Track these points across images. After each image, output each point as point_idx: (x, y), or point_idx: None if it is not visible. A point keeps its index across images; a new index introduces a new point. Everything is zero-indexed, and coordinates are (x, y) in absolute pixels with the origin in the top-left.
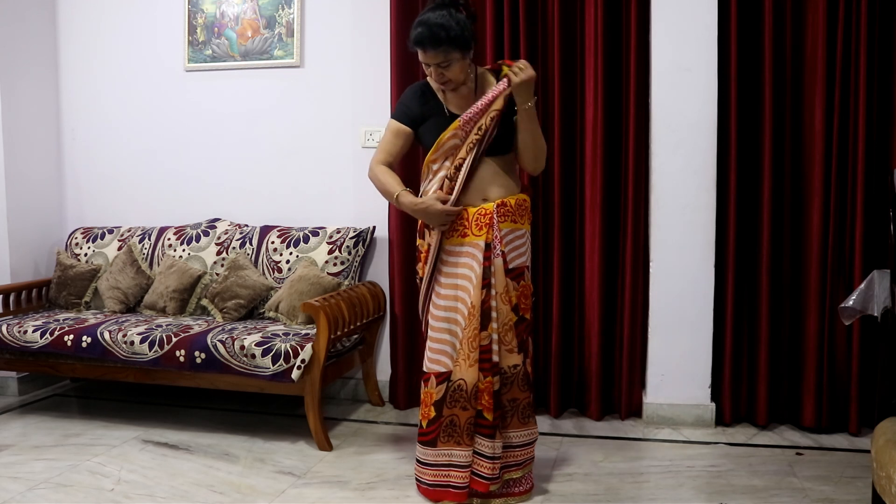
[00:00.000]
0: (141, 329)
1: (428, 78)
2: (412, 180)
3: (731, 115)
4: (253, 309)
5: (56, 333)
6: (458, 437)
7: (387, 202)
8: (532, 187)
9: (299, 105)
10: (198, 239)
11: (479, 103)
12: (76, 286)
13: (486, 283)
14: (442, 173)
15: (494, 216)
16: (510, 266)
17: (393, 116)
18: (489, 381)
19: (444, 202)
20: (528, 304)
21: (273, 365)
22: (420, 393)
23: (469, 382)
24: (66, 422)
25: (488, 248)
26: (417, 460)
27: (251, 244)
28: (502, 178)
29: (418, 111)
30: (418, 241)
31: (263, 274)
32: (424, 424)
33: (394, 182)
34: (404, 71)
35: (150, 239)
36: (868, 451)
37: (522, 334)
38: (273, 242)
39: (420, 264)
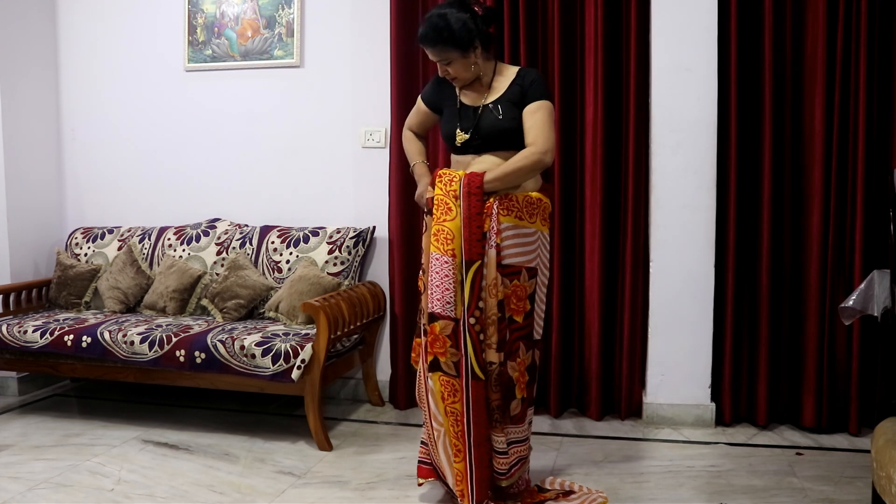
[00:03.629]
0: (141, 329)
1: None
2: (413, 182)
3: (731, 115)
4: (253, 309)
5: (56, 333)
6: None
7: (387, 202)
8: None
9: (299, 105)
10: (198, 239)
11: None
12: (76, 286)
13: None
14: None
15: (495, 208)
16: (504, 262)
17: (420, 95)
18: None
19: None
20: (519, 307)
21: (273, 365)
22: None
23: None
24: (66, 422)
25: (485, 237)
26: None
27: (251, 244)
28: None
29: (435, 97)
30: None
31: (263, 274)
32: None
33: (413, 152)
34: (404, 71)
35: (150, 239)
36: (868, 451)
37: (507, 333)
38: (273, 242)
39: None
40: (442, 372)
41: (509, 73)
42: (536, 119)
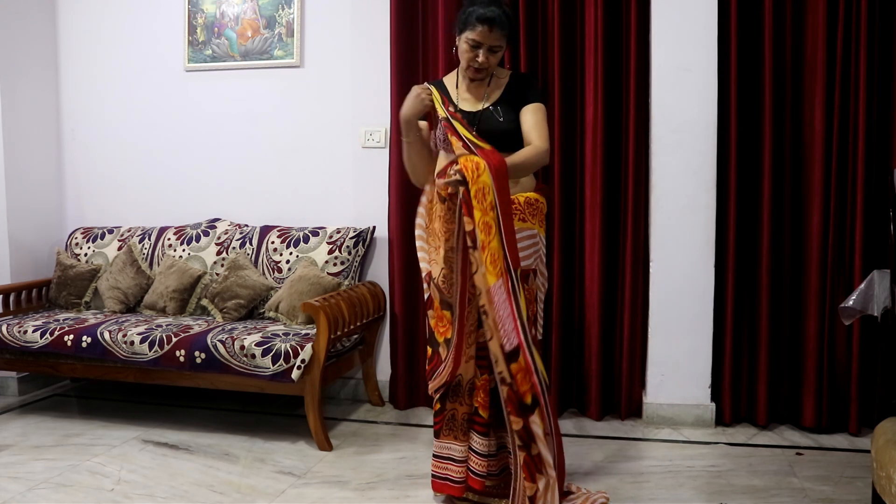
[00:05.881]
0: (141, 329)
1: (459, 68)
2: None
3: (731, 115)
4: (253, 309)
5: (56, 333)
6: (455, 432)
7: (387, 202)
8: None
9: (299, 105)
10: (198, 239)
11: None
12: (76, 286)
13: None
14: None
15: None
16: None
17: None
18: (485, 379)
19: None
20: (529, 311)
21: (273, 365)
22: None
23: (465, 378)
24: (66, 422)
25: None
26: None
27: (251, 244)
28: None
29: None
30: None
31: (263, 274)
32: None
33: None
34: (404, 71)
35: (150, 239)
36: (868, 451)
37: None
38: (273, 242)
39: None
40: (538, 405)
41: (504, 77)
42: (536, 120)
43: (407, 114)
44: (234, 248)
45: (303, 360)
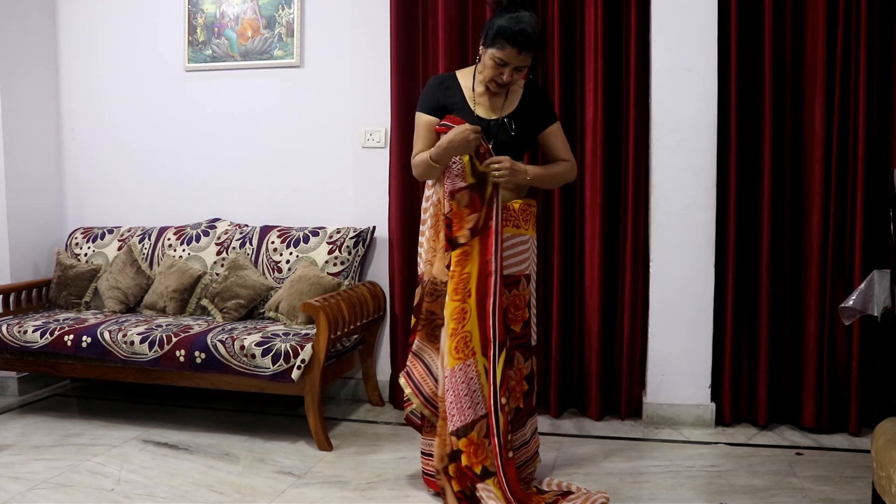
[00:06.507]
0: (141, 329)
1: (477, 70)
2: (413, 182)
3: (731, 115)
4: (253, 309)
5: (56, 333)
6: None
7: (387, 202)
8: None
9: (299, 105)
10: (198, 239)
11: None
12: (76, 286)
13: None
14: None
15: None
16: (504, 272)
17: (419, 109)
18: None
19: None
20: (517, 316)
21: (273, 365)
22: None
23: None
24: (66, 422)
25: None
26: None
27: (251, 244)
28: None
29: (442, 101)
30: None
31: (263, 274)
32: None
33: (424, 154)
34: (404, 71)
35: (150, 239)
36: (868, 451)
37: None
38: (273, 242)
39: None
40: (494, 475)
41: (520, 88)
42: (560, 139)
43: (452, 153)
44: (234, 248)
45: (303, 360)
